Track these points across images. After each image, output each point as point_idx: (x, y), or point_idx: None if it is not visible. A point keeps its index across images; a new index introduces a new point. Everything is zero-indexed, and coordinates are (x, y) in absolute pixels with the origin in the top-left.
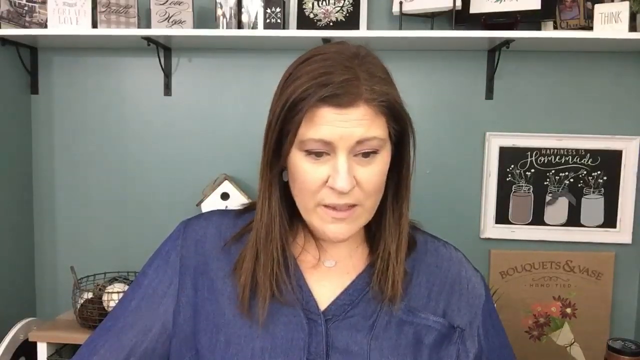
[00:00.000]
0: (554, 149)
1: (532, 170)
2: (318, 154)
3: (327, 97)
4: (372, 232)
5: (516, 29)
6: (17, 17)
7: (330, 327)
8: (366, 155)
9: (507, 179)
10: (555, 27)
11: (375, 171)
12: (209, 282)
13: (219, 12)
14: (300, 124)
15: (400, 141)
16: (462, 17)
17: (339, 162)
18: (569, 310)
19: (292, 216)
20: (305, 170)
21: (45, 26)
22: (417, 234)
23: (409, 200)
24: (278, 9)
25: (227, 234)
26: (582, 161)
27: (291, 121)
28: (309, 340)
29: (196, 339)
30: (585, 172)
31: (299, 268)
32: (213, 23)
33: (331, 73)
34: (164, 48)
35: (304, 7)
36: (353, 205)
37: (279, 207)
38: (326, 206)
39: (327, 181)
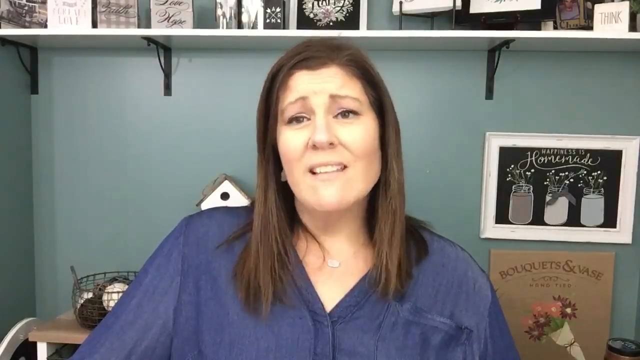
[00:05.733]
0: (554, 149)
1: (532, 170)
2: (299, 120)
3: (300, 62)
4: (375, 233)
5: (516, 29)
6: (17, 17)
7: (337, 329)
8: (346, 115)
9: (507, 179)
10: (555, 27)
11: (357, 131)
12: (211, 281)
13: (219, 12)
14: (279, 95)
15: (382, 111)
16: (462, 17)
17: (317, 118)
18: (569, 310)
19: (293, 220)
20: (288, 138)
21: (45, 26)
22: (424, 233)
23: (398, 173)
24: (278, 9)
25: (229, 232)
26: (582, 161)
27: (272, 96)
28: (315, 342)
29: (199, 338)
30: (585, 172)
31: (303, 269)
32: (213, 23)
33: (308, 46)
34: (164, 48)
35: (304, 7)
36: (343, 168)
37: (275, 200)
38: (313, 173)
39: (308, 142)
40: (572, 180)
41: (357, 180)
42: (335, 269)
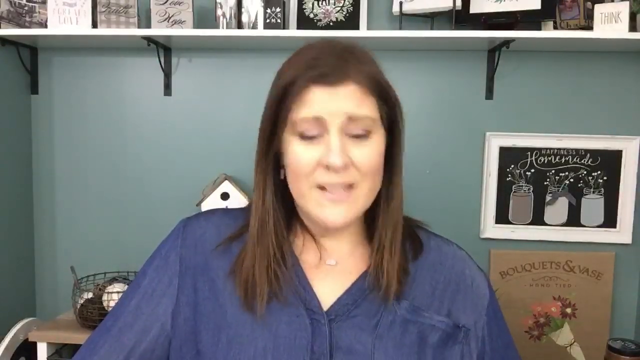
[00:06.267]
0: (554, 149)
1: (532, 170)
2: (311, 137)
3: (316, 77)
4: (371, 231)
5: (516, 29)
6: (17, 17)
7: (334, 327)
8: (359, 136)
9: (507, 179)
10: (555, 27)
11: (369, 151)
12: (209, 282)
13: (219, 12)
14: (291, 106)
15: (392, 127)
16: (462, 17)
17: (331, 138)
18: (569, 310)
19: (291, 217)
20: (298, 152)
21: (45, 26)
22: (420, 232)
23: (401, 186)
24: (278, 9)
25: (226, 233)
26: (582, 161)
27: (283, 106)
28: (312, 340)
29: (197, 338)
30: (585, 172)
31: (300, 267)
32: (213, 23)
33: (320, 58)
34: (164, 48)
35: (304, 7)
36: (350, 186)
37: (273, 202)
38: (322, 189)
39: (321, 161)
40: (572, 180)
41: (362, 197)
42: (333, 267)
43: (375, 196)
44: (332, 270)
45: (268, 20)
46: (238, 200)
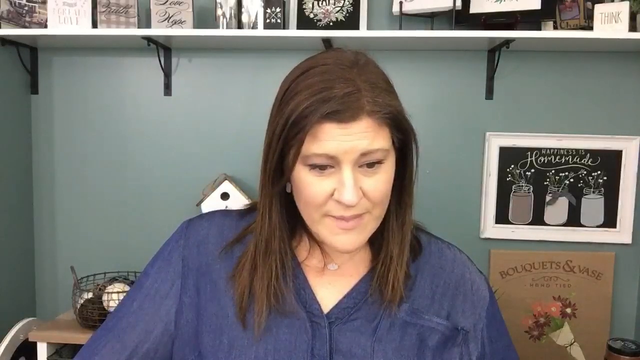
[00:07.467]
0: (554, 149)
1: (532, 170)
2: (322, 167)
3: (330, 113)
4: (374, 235)
5: (516, 29)
6: (17, 17)
7: (334, 330)
8: (371, 165)
9: (507, 179)
10: (555, 27)
11: (381, 180)
12: (211, 284)
13: (219, 12)
14: (303, 141)
15: (403, 147)
16: (462, 17)
17: (344, 175)
18: (569, 310)
19: (296, 223)
20: (310, 184)
21: (45, 26)
22: (421, 235)
23: (412, 207)
24: (278, 9)
25: (229, 234)
26: (582, 161)
27: (294, 138)
28: (313, 343)
29: (199, 340)
30: (585, 172)
31: (302, 272)
32: (213, 23)
33: (332, 87)
34: (164, 48)
35: (304, 7)
36: (361, 214)
37: (279, 221)
38: (333, 217)
39: (332, 194)
40: (572, 180)
41: (372, 222)
42: (335, 271)
43: (383, 216)
44: (334, 274)
45: (268, 20)
46: (238, 200)
